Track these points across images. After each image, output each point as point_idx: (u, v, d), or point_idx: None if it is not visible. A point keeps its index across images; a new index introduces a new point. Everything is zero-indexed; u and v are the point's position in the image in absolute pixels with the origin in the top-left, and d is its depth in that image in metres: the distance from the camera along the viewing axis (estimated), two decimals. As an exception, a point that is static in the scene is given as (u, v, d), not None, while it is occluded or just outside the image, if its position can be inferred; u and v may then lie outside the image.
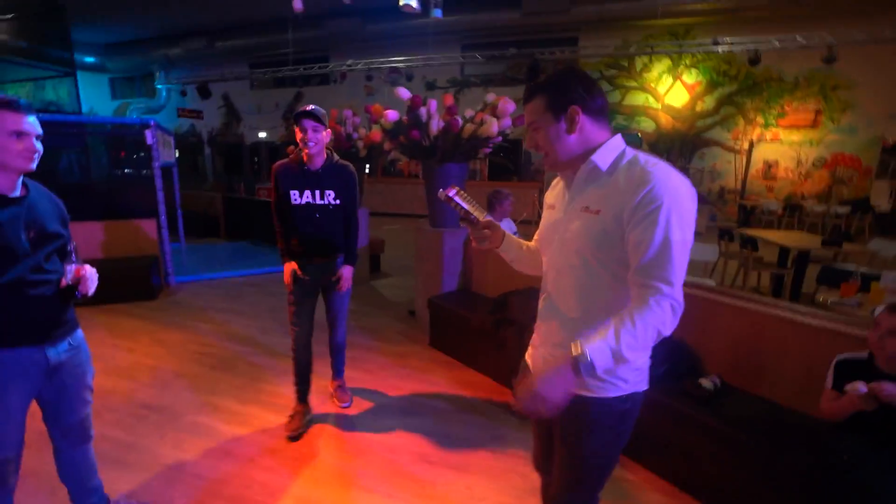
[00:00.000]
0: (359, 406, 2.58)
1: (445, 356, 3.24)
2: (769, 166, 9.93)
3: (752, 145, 9.95)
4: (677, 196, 0.92)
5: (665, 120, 10.43)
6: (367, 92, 11.82)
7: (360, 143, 4.50)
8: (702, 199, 10.31)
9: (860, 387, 1.44)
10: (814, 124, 9.45)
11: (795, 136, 9.65)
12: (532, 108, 1.06)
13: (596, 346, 0.90)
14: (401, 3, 3.20)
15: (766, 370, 2.02)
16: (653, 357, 1.11)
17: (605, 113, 1.04)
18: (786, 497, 1.60)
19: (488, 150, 3.32)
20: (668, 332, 0.92)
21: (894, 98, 8.87)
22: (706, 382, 2.02)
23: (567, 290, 1.07)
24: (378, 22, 10.66)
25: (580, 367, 0.89)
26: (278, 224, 2.22)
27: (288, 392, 2.59)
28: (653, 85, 10.37)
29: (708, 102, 10.13)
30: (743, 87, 9.83)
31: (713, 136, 10.26)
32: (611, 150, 1.03)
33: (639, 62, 10.37)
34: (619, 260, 0.99)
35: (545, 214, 1.19)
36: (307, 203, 2.15)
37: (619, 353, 0.89)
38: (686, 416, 1.90)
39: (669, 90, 10.30)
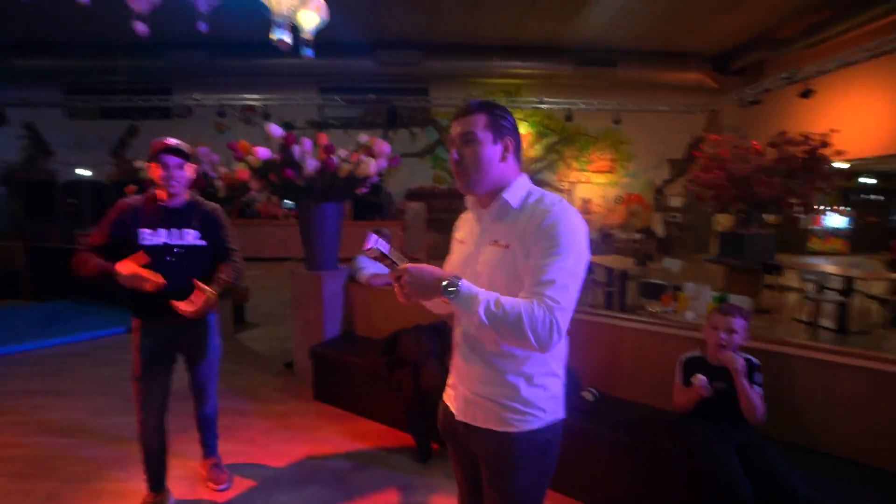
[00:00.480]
0: (241, 485, 2.19)
1: (334, 408, 3.00)
2: (586, 203, 11.99)
3: (573, 185, 11.92)
4: (573, 233, 0.98)
5: (506, 164, 11.80)
6: (219, 129, 10.74)
7: (220, 183, 4.03)
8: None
9: (701, 378, 1.78)
10: (611, 170, 11.89)
11: (601, 179, 11.96)
12: (470, 122, 1.06)
13: (469, 287, 0.96)
14: (274, 38, 3.04)
15: (627, 376, 2.34)
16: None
17: (520, 152, 1.12)
18: (666, 479, 1.87)
19: (365, 190, 3.30)
20: (532, 337, 0.92)
21: (659, 152, 11.77)
22: (588, 395, 2.25)
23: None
24: (228, 57, 9.91)
25: (447, 284, 0.95)
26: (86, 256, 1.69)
27: (140, 486, 2.05)
28: (494, 133, 11.70)
29: (538, 150, 11.86)
30: (562, 138, 11.80)
31: (544, 178, 11.99)
32: (520, 187, 1.08)
33: (481, 113, 11.63)
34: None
35: (456, 249, 1.19)
36: (164, 244, 1.78)
37: (475, 302, 0.94)
38: (581, 429, 2.07)
39: (507, 138, 11.75)
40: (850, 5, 7.90)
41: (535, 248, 0.98)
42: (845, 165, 8.89)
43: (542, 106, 10.39)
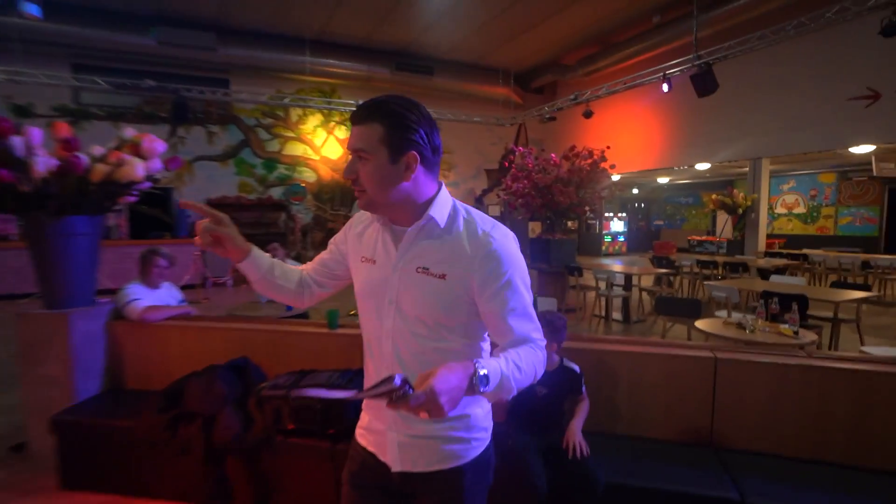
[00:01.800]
0: None
1: (95, 496, 2.38)
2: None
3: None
4: (518, 260, 0.99)
5: (324, 171, 11.52)
6: None
7: None
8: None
9: None
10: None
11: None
12: (363, 135, 0.94)
13: (489, 365, 0.86)
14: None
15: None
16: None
17: (438, 160, 1.00)
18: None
19: (133, 199, 2.75)
20: (540, 375, 0.97)
21: (476, 163, 13.09)
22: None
23: (416, 360, 1.00)
24: None
25: (475, 378, 0.84)
26: None
27: None
28: (309, 136, 11.33)
29: (360, 157, 11.89)
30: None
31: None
32: (443, 203, 1.01)
33: (294, 114, 11.14)
34: (464, 325, 1.00)
35: (362, 270, 1.07)
36: None
37: (507, 379, 0.88)
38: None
39: (325, 143, 11.50)
40: (612, 44, 10.12)
41: (486, 290, 0.96)
42: (617, 177, 11.27)
43: (362, 111, 10.44)
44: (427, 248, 1.00)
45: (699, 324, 3.32)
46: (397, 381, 0.75)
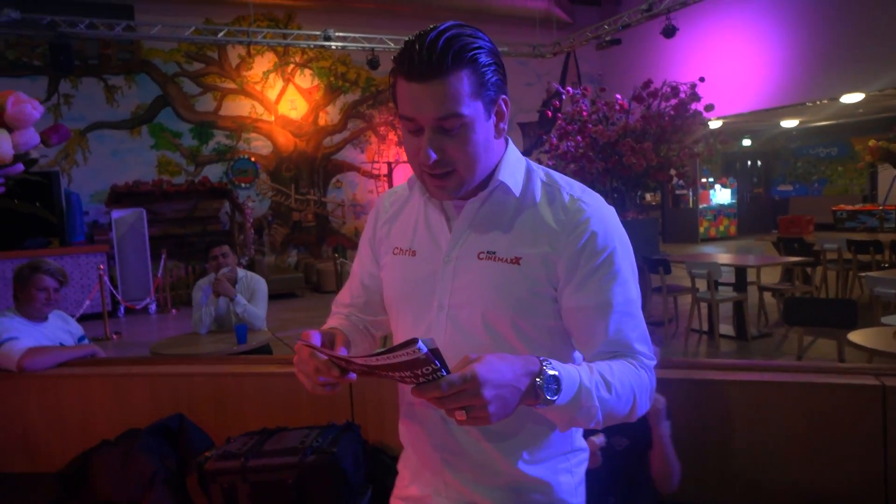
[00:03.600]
0: None
1: None
2: (414, 193, 12.58)
3: (391, 168, 12.34)
4: (622, 236, 1.03)
5: (284, 138, 11.62)
6: None
7: None
8: (353, 243, 11.96)
9: (599, 437, 1.94)
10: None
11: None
12: (451, 91, 0.94)
13: (563, 368, 0.89)
14: None
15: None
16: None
17: None
18: None
19: None
20: (641, 410, 0.99)
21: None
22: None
23: None
24: None
25: (540, 379, 0.86)
26: None
27: None
28: (258, 88, 11.42)
29: (332, 114, 11.97)
30: (367, 96, 12.14)
31: (346, 158, 12.15)
32: (515, 164, 1.07)
33: (234, 55, 11.25)
34: (550, 331, 1.03)
35: (398, 265, 1.14)
36: None
37: (587, 394, 0.90)
38: None
39: (282, 96, 11.59)
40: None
41: (577, 273, 1.00)
42: (717, 124, 11.14)
43: (332, 45, 10.53)
44: (494, 224, 1.05)
45: (855, 336, 3.27)
46: (421, 347, 0.74)
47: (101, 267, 8.16)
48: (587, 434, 1.94)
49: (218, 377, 2.67)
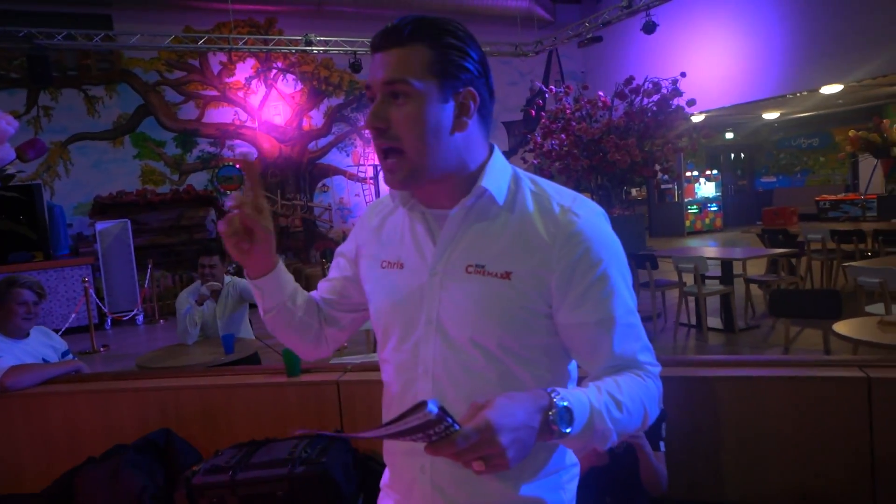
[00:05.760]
0: None
1: None
2: (401, 195, 12.59)
3: (377, 171, 12.32)
4: (616, 247, 1.02)
5: (269, 144, 11.58)
6: None
7: None
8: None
9: None
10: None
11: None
12: (402, 60, 0.96)
13: (572, 396, 0.87)
14: None
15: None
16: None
17: (492, 109, 1.06)
18: None
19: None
20: (651, 419, 0.98)
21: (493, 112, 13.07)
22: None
23: (466, 404, 1.01)
24: None
25: (551, 414, 0.84)
26: None
27: None
28: (240, 95, 11.38)
29: (316, 118, 11.94)
30: (351, 99, 12.12)
31: (332, 162, 12.12)
32: (499, 171, 1.04)
33: (215, 62, 11.21)
34: (544, 348, 1.01)
35: (382, 278, 1.11)
36: None
37: (600, 417, 0.89)
38: None
39: (266, 103, 11.54)
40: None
41: (572, 289, 0.97)
42: (699, 118, 11.21)
43: (314, 49, 10.51)
44: (481, 235, 1.02)
45: (840, 327, 3.29)
46: (432, 408, 0.72)
47: (87, 279, 8.08)
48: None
49: (205, 389, 2.66)
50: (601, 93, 6.91)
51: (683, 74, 6.77)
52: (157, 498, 2.26)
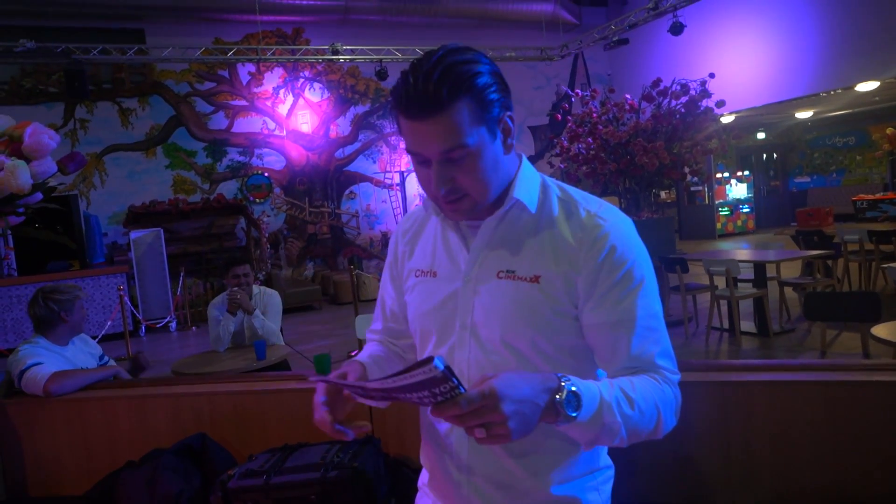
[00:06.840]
0: None
1: None
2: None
3: (403, 177, 12.38)
4: (641, 251, 1.04)
5: (297, 152, 11.71)
6: None
7: None
8: (368, 253, 12.01)
9: None
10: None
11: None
12: (451, 124, 0.94)
13: (582, 384, 0.89)
14: None
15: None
16: None
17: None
18: None
19: (18, 219, 2.85)
20: (667, 426, 0.99)
21: (517, 117, 13.03)
22: None
23: None
24: None
25: (559, 396, 0.86)
26: None
27: None
28: (268, 104, 11.53)
29: (343, 126, 12.04)
30: (377, 107, 12.20)
31: (359, 169, 12.20)
32: (529, 180, 1.08)
33: (244, 72, 11.37)
34: (572, 349, 1.03)
35: (418, 287, 1.15)
36: None
37: (609, 410, 0.90)
38: None
39: (293, 112, 11.68)
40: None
41: (596, 289, 1.00)
42: (729, 118, 11.05)
43: (340, 58, 10.61)
44: (511, 243, 1.06)
45: (879, 330, 3.22)
46: (438, 364, 0.73)
47: (122, 287, 8.25)
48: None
49: (238, 394, 2.69)
50: (628, 96, 6.85)
51: (712, 75, 6.68)
52: (194, 501, 2.29)
